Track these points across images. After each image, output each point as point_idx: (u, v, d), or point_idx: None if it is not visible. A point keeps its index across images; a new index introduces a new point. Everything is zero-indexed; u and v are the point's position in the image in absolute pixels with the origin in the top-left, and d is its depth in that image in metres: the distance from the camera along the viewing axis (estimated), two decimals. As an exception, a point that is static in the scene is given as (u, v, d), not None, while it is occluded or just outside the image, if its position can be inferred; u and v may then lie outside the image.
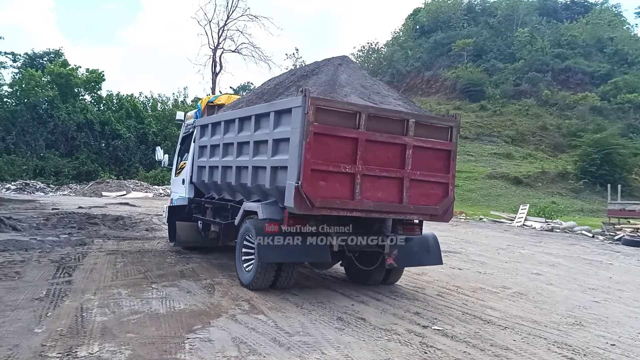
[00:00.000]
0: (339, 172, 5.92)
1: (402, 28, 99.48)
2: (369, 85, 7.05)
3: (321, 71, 7.27)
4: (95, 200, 25.01)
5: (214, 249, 9.46)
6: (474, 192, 47.68)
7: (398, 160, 6.23)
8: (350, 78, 6.94)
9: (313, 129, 5.69)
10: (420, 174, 6.32)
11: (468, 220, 23.95)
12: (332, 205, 5.87)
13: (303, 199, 5.69)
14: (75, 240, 10.10)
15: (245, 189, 7.29)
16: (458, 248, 12.87)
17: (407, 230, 6.90)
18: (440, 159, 6.53)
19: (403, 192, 6.22)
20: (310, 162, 5.70)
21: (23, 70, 39.08)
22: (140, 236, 11.67)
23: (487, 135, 66.01)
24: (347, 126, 5.95)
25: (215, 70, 44.69)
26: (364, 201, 6.01)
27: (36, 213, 16.06)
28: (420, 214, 6.57)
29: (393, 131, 6.19)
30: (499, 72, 76.62)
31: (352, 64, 7.56)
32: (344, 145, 5.94)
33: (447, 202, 6.59)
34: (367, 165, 6.02)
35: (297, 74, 8.07)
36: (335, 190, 5.90)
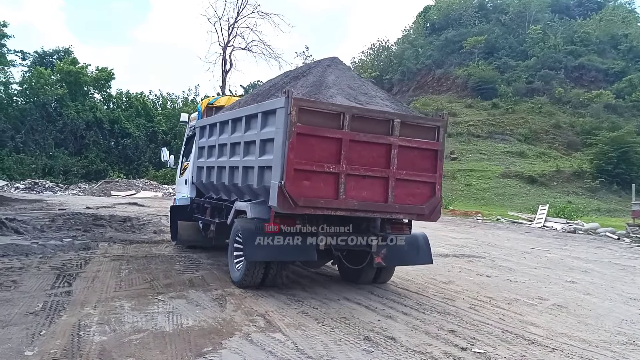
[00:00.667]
0: (322, 172, 5.99)
1: (413, 26, 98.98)
2: (357, 86, 7.13)
3: (310, 73, 7.45)
4: (104, 200, 24.59)
5: (225, 255, 8.88)
6: (487, 191, 46.88)
7: (383, 160, 6.28)
8: (338, 79, 7.05)
9: (296, 129, 5.78)
10: (406, 174, 6.38)
11: (485, 221, 23.21)
12: (315, 205, 5.94)
13: (286, 198, 5.77)
14: (79, 245, 9.56)
15: (238, 189, 7.40)
16: (481, 252, 12.22)
17: (396, 229, 6.90)
18: (427, 159, 6.56)
19: (388, 191, 6.28)
20: (293, 162, 5.79)
21: (32, 69, 38.80)
22: (148, 239, 11.12)
23: (500, 134, 65.18)
24: (331, 126, 6.01)
25: (226, 68, 44.21)
26: (349, 200, 6.07)
27: (42, 214, 15.60)
28: (406, 213, 6.60)
29: (378, 131, 6.25)
30: (511, 70, 75.84)
31: (341, 65, 7.63)
32: (328, 146, 6.02)
33: (434, 202, 6.59)
34: (351, 165, 6.09)
35: (290, 75, 8.21)
36: (319, 189, 5.98)
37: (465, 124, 66.63)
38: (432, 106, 73.06)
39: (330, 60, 7.60)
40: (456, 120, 68.03)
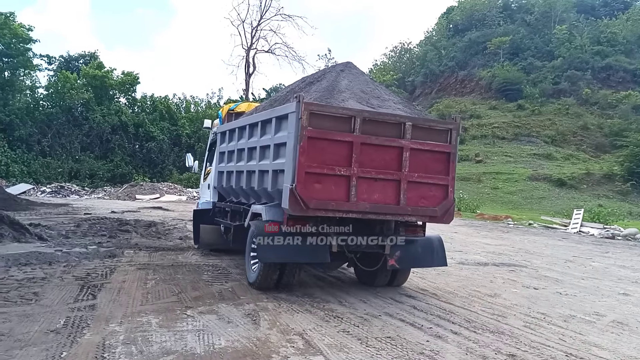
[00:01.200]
0: (334, 175, 6.09)
1: (436, 27, 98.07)
2: (370, 90, 7.21)
3: (324, 78, 7.65)
4: (129, 204, 24.48)
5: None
6: (515, 194, 45.86)
7: (395, 162, 6.33)
8: (351, 84, 7.15)
9: (307, 133, 5.89)
10: (418, 176, 6.40)
11: (517, 226, 22.43)
12: (326, 207, 6.05)
13: (297, 200, 5.88)
14: (104, 252, 9.24)
15: (255, 193, 7.49)
16: (521, 260, 11.59)
17: (410, 232, 6.96)
18: (440, 161, 6.57)
19: (400, 194, 6.32)
20: (305, 165, 5.91)
21: (58, 73, 39.11)
22: (174, 246, 10.77)
23: (526, 136, 64.05)
24: (342, 130, 6.10)
25: (249, 71, 44.15)
26: (360, 203, 6.15)
27: (67, 218, 15.43)
28: (418, 216, 6.61)
29: (389, 134, 6.29)
30: (536, 71, 74.55)
31: (355, 70, 7.77)
32: (339, 149, 6.11)
33: (447, 204, 6.60)
34: (363, 168, 6.16)
35: (307, 81, 8.33)
36: (330, 192, 6.07)
37: (490, 126, 65.66)
38: (455, 108, 72.05)
39: (344, 66, 7.82)
40: (480, 122, 67.05)
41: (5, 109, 33.79)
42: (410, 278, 8.36)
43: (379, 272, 7.22)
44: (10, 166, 32.50)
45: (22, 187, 30.66)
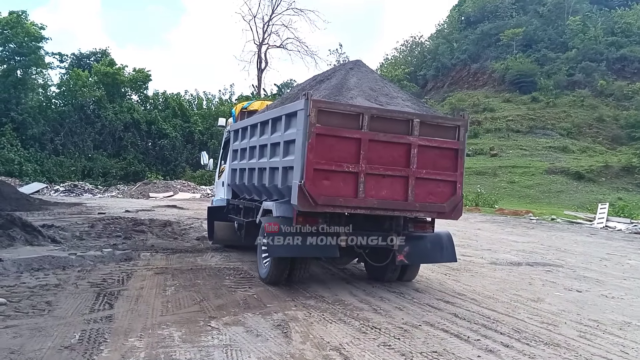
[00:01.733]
0: (342, 171, 6.14)
1: (447, 20, 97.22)
2: (379, 87, 7.27)
3: (334, 76, 7.75)
4: (142, 203, 24.16)
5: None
6: (532, 188, 45.06)
7: (403, 159, 6.38)
8: (360, 81, 7.22)
9: (315, 130, 5.96)
10: (426, 173, 6.46)
11: (540, 222, 21.80)
12: (335, 203, 6.13)
13: (306, 197, 5.95)
14: (120, 255, 8.82)
15: (266, 189, 7.57)
16: (555, 259, 11.03)
17: (419, 227, 7.02)
18: (448, 158, 6.62)
19: (408, 190, 6.37)
20: (313, 162, 5.97)
21: (70, 71, 38.92)
22: (192, 247, 10.35)
23: (541, 129, 63.24)
24: (350, 127, 6.15)
25: (261, 66, 43.76)
26: (368, 199, 6.21)
27: (81, 218, 15.09)
28: (427, 212, 6.71)
29: (397, 131, 6.35)
30: (550, 62, 73.66)
31: (364, 68, 7.85)
32: (347, 146, 6.16)
33: (455, 200, 6.64)
34: (371, 165, 6.21)
35: (317, 79, 8.42)
36: (338, 188, 6.13)
37: (504, 119, 64.88)
38: (468, 102, 71.26)
39: (353, 64, 7.97)
40: (494, 115, 66.24)
41: (18, 108, 33.62)
42: (444, 281, 7.88)
43: (388, 268, 7.27)
44: (24, 165, 32.34)
45: (36, 186, 30.48)
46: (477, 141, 59.99)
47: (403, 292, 6.99)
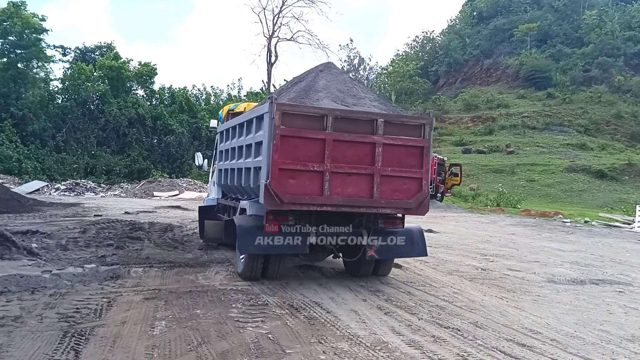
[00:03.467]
0: (307, 171, 6.33)
1: (459, 15, 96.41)
2: (347, 89, 7.50)
3: (305, 78, 8.07)
4: (145, 203, 22.73)
5: (299, 292, 6.55)
6: (552, 187, 43.38)
7: (368, 157, 6.54)
8: (329, 83, 7.48)
9: (279, 131, 6.15)
10: (391, 170, 6.62)
11: (575, 225, 20.11)
12: (300, 201, 6.33)
13: (272, 195, 6.17)
14: (105, 273, 7.28)
15: (243, 189, 7.80)
16: (617, 274, 9.41)
17: (389, 223, 7.21)
18: (413, 156, 6.77)
19: (374, 187, 6.54)
20: (278, 162, 6.17)
21: (74, 65, 37.57)
22: (193, 259, 8.83)
23: (558, 125, 61.95)
24: (315, 128, 6.33)
25: (271, 60, 42.21)
26: (334, 197, 6.39)
27: (74, 222, 13.65)
28: (392, 208, 6.84)
29: (362, 131, 6.51)
30: (566, 58, 72.80)
31: (335, 70, 8.15)
32: (312, 146, 6.34)
33: (421, 196, 6.81)
34: (336, 164, 6.39)
35: (294, 81, 8.80)
36: (304, 187, 6.33)
37: (519, 116, 63.60)
38: (481, 98, 69.85)
39: (324, 66, 8.25)
40: (509, 111, 64.93)
41: (18, 103, 32.23)
42: (504, 309, 6.30)
43: (361, 262, 7.46)
44: (23, 162, 30.96)
45: (36, 185, 29.17)
46: (492, 138, 58.48)
47: (460, 328, 5.41)
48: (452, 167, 32.18)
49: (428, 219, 19.28)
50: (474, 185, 41.36)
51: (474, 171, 45.77)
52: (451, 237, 14.18)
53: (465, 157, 49.16)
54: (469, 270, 9.06)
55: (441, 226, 16.82)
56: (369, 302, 6.37)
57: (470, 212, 25.01)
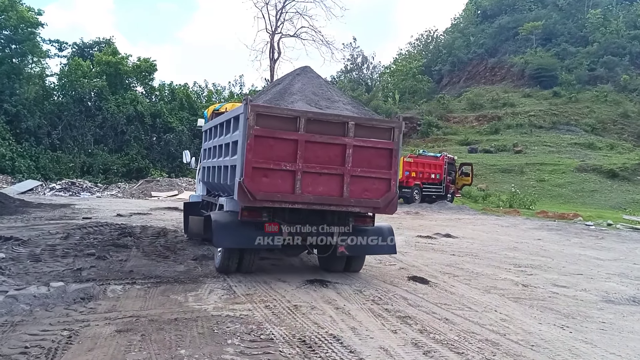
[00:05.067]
0: (280, 170, 6.64)
1: (463, 14, 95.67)
2: (322, 92, 7.82)
3: (283, 81, 8.66)
4: (141, 204, 21.44)
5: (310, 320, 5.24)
6: (563, 187, 42.05)
7: (339, 158, 6.83)
8: (304, 86, 7.83)
9: (253, 132, 6.46)
10: (361, 171, 6.91)
11: (601, 229, 18.76)
12: (273, 198, 6.65)
13: (245, 192, 6.48)
14: (74, 292, 5.97)
15: (222, 186, 8.04)
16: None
17: (359, 221, 7.48)
18: (382, 157, 7.04)
19: (344, 187, 6.83)
20: (252, 161, 6.48)
21: (70, 60, 36.30)
22: (184, 273, 7.52)
23: (565, 124, 60.89)
24: (288, 129, 6.62)
25: (273, 56, 40.90)
26: (305, 195, 6.69)
27: (59, 226, 12.38)
28: (361, 207, 7.08)
29: (333, 133, 6.80)
30: (571, 57, 72.15)
31: (311, 74, 8.34)
32: (285, 146, 6.63)
33: (389, 196, 7.08)
34: (307, 163, 6.68)
35: (275, 83, 9.38)
36: (276, 185, 6.64)
37: (526, 115, 62.53)
38: (486, 97, 68.70)
39: (301, 70, 8.51)
40: (515, 110, 63.86)
41: (12, 99, 30.91)
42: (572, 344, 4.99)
43: (334, 259, 7.66)
44: (17, 161, 29.66)
45: (29, 184, 27.89)
46: (498, 137, 57.31)
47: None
48: (463, 166, 30.85)
49: (442, 222, 18.14)
50: (483, 185, 40.09)
51: (481, 171, 44.46)
52: (473, 243, 12.87)
53: (472, 156, 47.84)
54: (508, 286, 7.76)
55: (458, 230, 15.54)
56: (401, 334, 5.06)
57: (484, 214, 23.68)
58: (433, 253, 10.85)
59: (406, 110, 65.61)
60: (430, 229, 15.30)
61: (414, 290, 7.03)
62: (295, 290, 6.74)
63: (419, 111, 64.27)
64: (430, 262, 9.55)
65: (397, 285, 7.36)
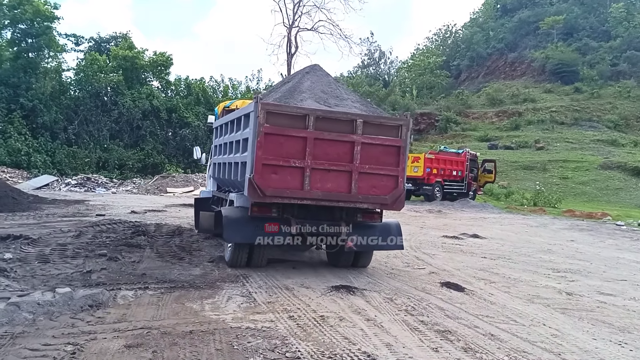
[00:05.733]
0: (289, 166, 6.73)
1: (482, 8, 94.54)
2: (330, 90, 7.90)
3: (292, 79, 8.87)
4: (155, 200, 21.08)
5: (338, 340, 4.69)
6: (587, 184, 41.04)
7: (347, 155, 6.92)
8: (313, 85, 7.93)
9: (264, 129, 6.55)
10: (369, 168, 6.99)
11: (632, 228, 17.95)
12: (282, 195, 6.74)
13: (255, 189, 6.59)
14: (82, 299, 5.49)
15: (232, 182, 8.21)
16: None
17: (367, 217, 7.62)
18: (390, 154, 7.12)
19: (352, 183, 6.92)
20: (262, 158, 6.58)
21: (87, 55, 36.09)
22: (201, 277, 7.02)
23: (587, 120, 59.74)
24: (297, 127, 6.72)
25: (291, 50, 40.32)
26: (313, 191, 6.79)
27: (71, 223, 11.99)
28: (369, 203, 7.20)
29: (342, 130, 6.88)
30: (593, 52, 70.82)
31: (320, 72, 8.51)
32: (295, 143, 6.74)
33: (397, 192, 7.15)
34: (316, 160, 6.78)
35: (284, 81, 9.92)
36: (286, 181, 6.73)
37: (547, 110, 61.38)
38: (506, 92, 67.64)
39: (310, 68, 8.69)
40: (536, 106, 62.75)
41: (28, 94, 30.74)
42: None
43: (341, 254, 7.86)
44: (33, 156, 29.51)
45: (45, 179, 27.76)
46: (518, 133, 56.31)
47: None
48: (486, 163, 30.03)
49: (467, 221, 17.47)
50: (504, 182, 39.21)
51: (502, 168, 43.55)
52: (503, 244, 12.22)
53: (492, 153, 46.92)
54: (552, 294, 7.13)
55: (485, 230, 14.87)
56: (443, 353, 4.49)
57: (509, 213, 22.92)
58: (462, 255, 10.23)
59: (424, 106, 64.84)
60: (456, 229, 14.66)
61: (449, 299, 6.44)
62: (320, 297, 6.20)
63: (437, 107, 63.39)
64: (461, 266, 8.94)
65: (430, 292, 6.77)
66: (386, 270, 8.28)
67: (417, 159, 25.43)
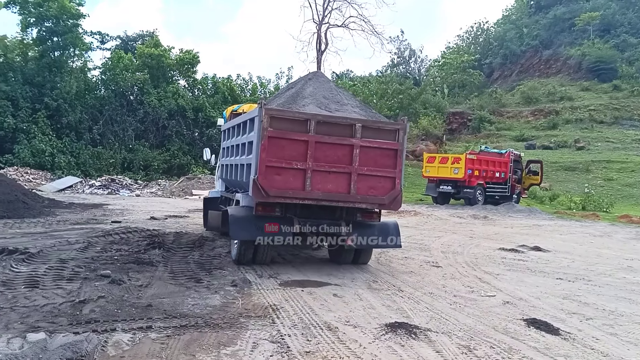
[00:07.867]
0: (291, 168, 7.09)
1: (515, 4, 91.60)
2: (332, 96, 8.32)
3: (296, 85, 9.34)
4: (179, 204, 19.84)
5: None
6: (634, 187, 38.62)
7: (347, 158, 7.28)
8: (315, 90, 8.35)
9: (267, 133, 6.92)
10: (367, 170, 7.34)
11: None
12: (285, 195, 7.10)
13: (259, 189, 6.94)
14: (59, 349, 4.04)
15: (238, 183, 8.66)
16: None
17: (366, 217, 8.02)
18: (388, 157, 7.47)
19: (351, 184, 7.27)
20: (265, 160, 6.95)
21: (113, 53, 35.31)
22: (220, 310, 5.59)
23: (628, 119, 56.95)
24: (299, 131, 7.10)
25: (320, 47, 38.79)
26: (314, 192, 7.14)
27: (82, 232, 10.75)
28: (367, 203, 7.55)
29: (341, 134, 7.25)
30: (632, 48, 67.88)
31: (322, 78, 9.07)
32: (297, 146, 7.11)
33: (394, 193, 7.49)
34: (317, 162, 7.15)
35: (289, 86, 10.55)
36: (288, 182, 7.09)
37: (585, 109, 58.74)
38: (541, 90, 65.13)
39: (313, 74, 9.39)
40: (573, 105, 60.14)
41: (53, 93, 30.03)
42: None
43: (342, 252, 8.27)
44: (57, 157, 28.77)
45: (69, 181, 26.94)
46: (556, 133, 53.90)
47: None
48: (531, 164, 28.03)
49: (520, 229, 15.67)
50: (545, 184, 37.06)
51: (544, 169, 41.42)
52: (573, 260, 10.51)
53: (530, 153, 44.69)
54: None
55: (544, 240, 13.14)
56: None
57: (561, 219, 21.00)
58: (533, 276, 8.59)
59: (456, 105, 62.85)
60: (510, 239, 12.98)
61: (546, 348, 4.86)
62: (374, 343, 4.72)
63: (470, 105, 61.24)
64: (539, 293, 7.31)
65: (517, 337, 5.18)
66: (447, 298, 6.74)
67: (457, 159, 23.68)
